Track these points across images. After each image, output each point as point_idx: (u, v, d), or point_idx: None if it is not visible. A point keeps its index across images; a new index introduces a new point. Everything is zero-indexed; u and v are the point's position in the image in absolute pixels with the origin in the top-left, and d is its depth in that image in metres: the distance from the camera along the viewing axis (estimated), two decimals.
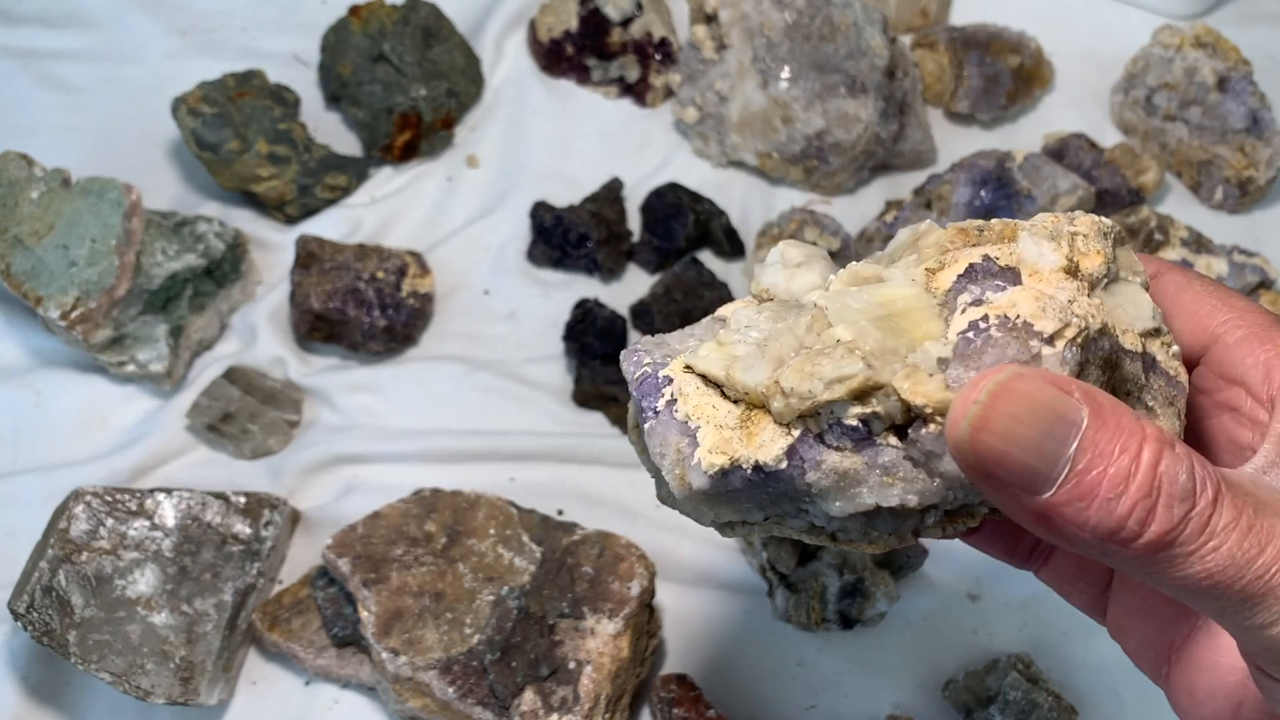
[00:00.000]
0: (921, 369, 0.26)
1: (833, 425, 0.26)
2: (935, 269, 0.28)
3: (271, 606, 0.50)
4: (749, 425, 0.28)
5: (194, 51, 0.71)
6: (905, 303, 0.27)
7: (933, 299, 0.27)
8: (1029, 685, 0.48)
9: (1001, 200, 0.59)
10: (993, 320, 0.26)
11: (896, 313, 0.27)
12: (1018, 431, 0.23)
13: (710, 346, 0.29)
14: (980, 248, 0.28)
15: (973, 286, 0.27)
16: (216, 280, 0.59)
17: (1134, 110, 0.67)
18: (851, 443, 0.26)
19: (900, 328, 0.27)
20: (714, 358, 0.28)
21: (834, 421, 0.26)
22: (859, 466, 0.27)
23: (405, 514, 0.49)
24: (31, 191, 0.55)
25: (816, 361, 0.26)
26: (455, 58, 0.68)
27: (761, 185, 0.65)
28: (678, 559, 0.53)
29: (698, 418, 0.28)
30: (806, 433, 0.27)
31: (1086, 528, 0.23)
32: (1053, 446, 0.23)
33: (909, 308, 0.27)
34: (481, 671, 0.45)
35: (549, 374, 0.59)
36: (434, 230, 0.64)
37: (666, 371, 0.29)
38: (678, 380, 0.29)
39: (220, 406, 0.55)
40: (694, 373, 0.29)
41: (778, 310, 0.29)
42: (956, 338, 0.26)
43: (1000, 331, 0.26)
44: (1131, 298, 0.28)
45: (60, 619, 0.46)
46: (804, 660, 0.51)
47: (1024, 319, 0.26)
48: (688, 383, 0.28)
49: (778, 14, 0.61)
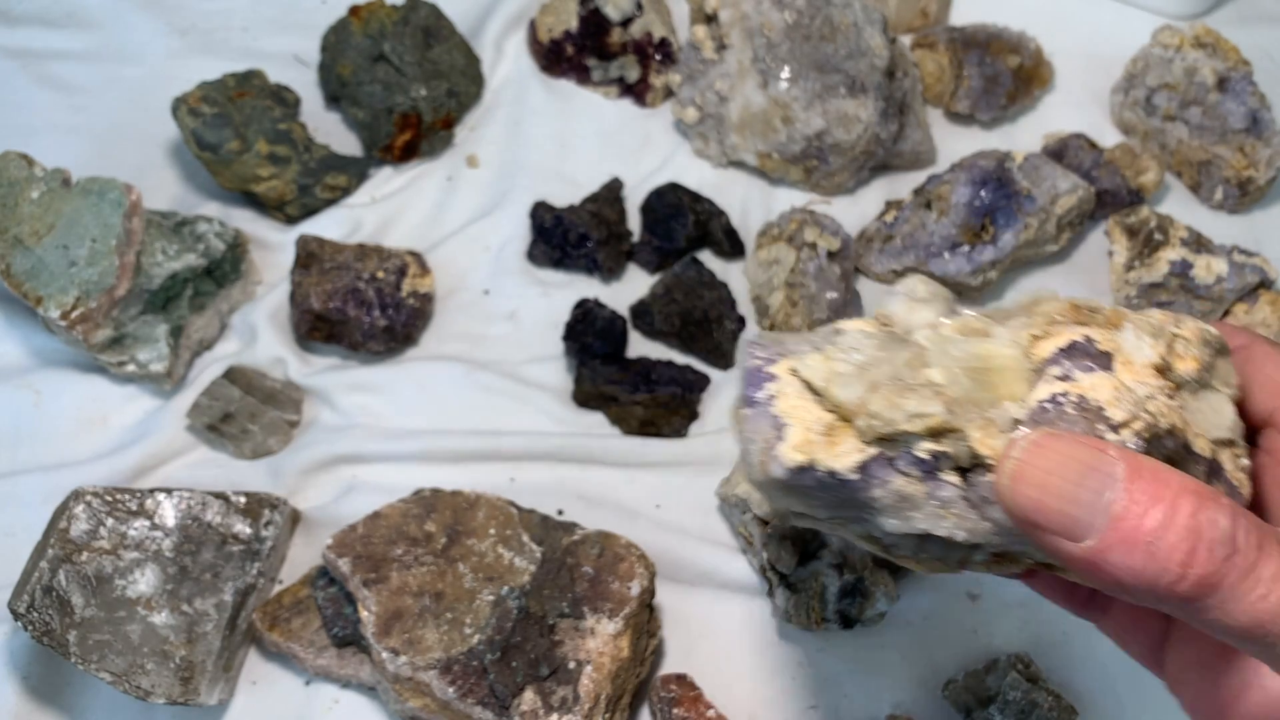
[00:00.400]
0: (995, 424, 0.29)
1: (905, 453, 0.29)
2: (1039, 337, 0.30)
3: (272, 606, 0.50)
4: (833, 435, 0.30)
5: (194, 51, 0.71)
6: (1001, 361, 0.30)
7: (1028, 364, 0.30)
8: (1029, 685, 0.48)
9: (1001, 200, 0.59)
10: (1071, 398, 0.29)
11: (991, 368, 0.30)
12: (1051, 482, 0.26)
13: (817, 358, 0.31)
14: (1086, 328, 0.31)
15: (1066, 362, 0.30)
16: (217, 280, 0.59)
17: (1134, 110, 0.67)
18: (919, 472, 0.29)
19: (990, 382, 0.30)
20: (818, 368, 0.31)
21: (907, 450, 0.29)
22: (920, 494, 0.30)
23: (405, 514, 0.49)
24: (32, 191, 0.55)
25: (904, 394, 0.29)
26: (455, 58, 0.68)
27: (761, 185, 0.66)
28: (678, 559, 0.53)
29: (790, 416, 0.31)
30: (882, 454, 0.30)
31: (1131, 573, 0.24)
32: (1088, 496, 0.25)
33: (1004, 366, 0.30)
34: (481, 671, 0.45)
35: (549, 374, 0.59)
36: (434, 230, 0.64)
37: (773, 369, 0.32)
38: (782, 380, 0.32)
39: (220, 406, 0.55)
40: (798, 377, 0.31)
41: (884, 340, 0.32)
42: (1035, 404, 0.29)
43: (1074, 410, 0.29)
44: (1216, 406, 0.31)
45: (60, 619, 0.46)
46: (804, 660, 0.51)
47: (1099, 404, 0.29)
48: (790, 384, 0.31)
49: (778, 14, 0.61)
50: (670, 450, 0.56)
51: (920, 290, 0.34)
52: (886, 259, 0.61)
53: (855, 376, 0.31)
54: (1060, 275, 0.63)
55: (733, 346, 0.59)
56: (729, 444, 0.56)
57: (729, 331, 0.59)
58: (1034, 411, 0.29)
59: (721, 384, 0.58)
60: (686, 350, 0.60)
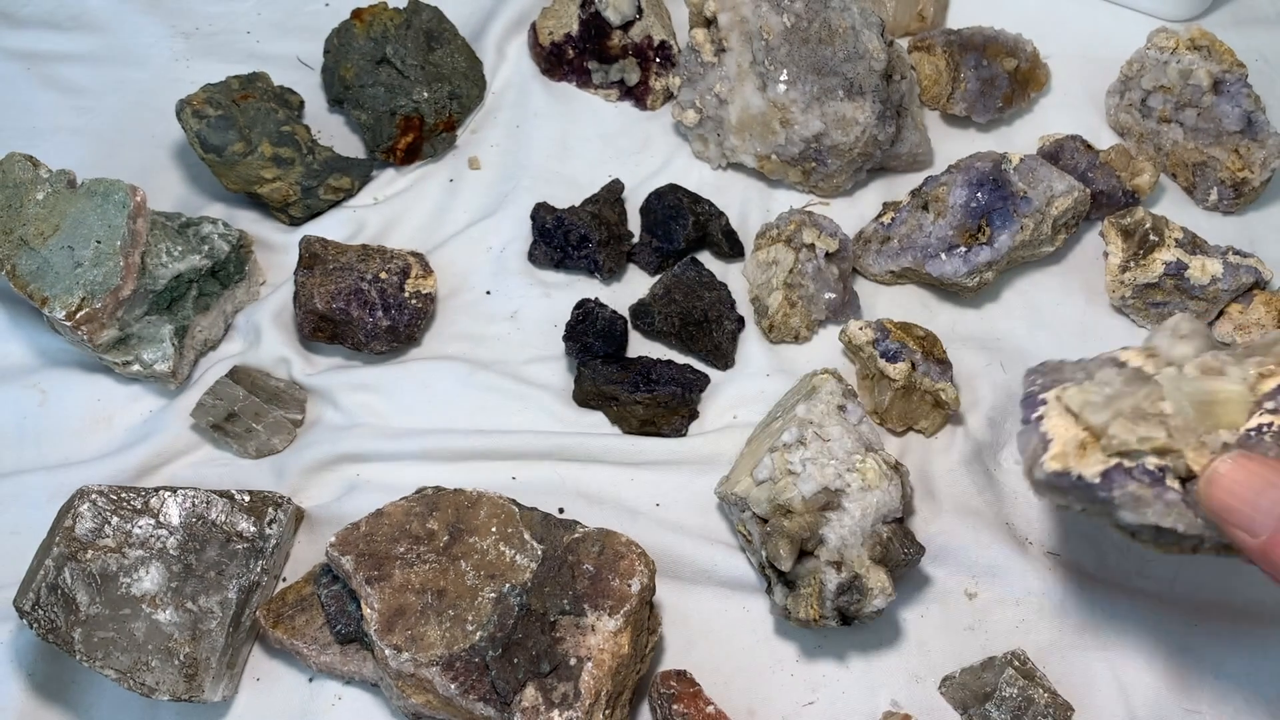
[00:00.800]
0: (1208, 446, 0.39)
1: (1139, 465, 0.39)
2: (1266, 374, 0.39)
3: (275, 604, 0.50)
4: (1084, 449, 0.41)
5: (198, 54, 0.71)
6: (1227, 395, 0.39)
7: (1251, 397, 0.39)
8: (1025, 682, 0.48)
9: (997, 202, 0.59)
10: (1274, 428, 0.38)
11: (1217, 401, 0.39)
12: (1238, 490, 0.36)
13: (1076, 390, 0.42)
14: None
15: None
16: (221, 281, 0.59)
17: (1129, 112, 0.68)
18: (1149, 480, 0.39)
19: (1213, 413, 0.39)
20: (1076, 398, 0.42)
21: (1140, 463, 0.39)
22: (1149, 496, 0.39)
23: (408, 512, 0.49)
24: (37, 193, 0.56)
25: (1138, 422, 0.40)
26: (457, 61, 0.68)
27: (760, 187, 0.66)
28: (677, 557, 0.53)
29: (1052, 433, 0.42)
30: (1120, 465, 0.39)
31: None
32: (1266, 504, 0.35)
33: (1228, 399, 0.39)
34: (483, 668, 0.45)
35: (550, 374, 0.59)
36: (436, 231, 0.64)
37: (1045, 395, 0.43)
38: (1050, 404, 0.43)
39: (225, 406, 0.55)
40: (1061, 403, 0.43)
41: (1131, 376, 0.42)
42: (1244, 432, 0.38)
43: (1272, 438, 0.38)
44: None
45: (65, 616, 0.46)
46: (802, 656, 0.51)
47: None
48: (1055, 408, 0.43)
49: (776, 18, 0.62)
50: (670, 449, 0.56)
51: (1184, 329, 0.43)
52: (884, 260, 0.61)
53: (1103, 405, 0.41)
54: (1056, 276, 0.63)
55: (732, 346, 0.60)
56: (728, 443, 0.56)
57: (728, 331, 0.59)
58: (1242, 437, 0.38)
59: (721, 383, 0.59)
60: (686, 350, 0.60)
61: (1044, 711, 0.48)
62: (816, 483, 0.48)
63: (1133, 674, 0.51)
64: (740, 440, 0.56)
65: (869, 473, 0.49)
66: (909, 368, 0.55)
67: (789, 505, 0.48)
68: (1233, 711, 0.50)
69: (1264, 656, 0.51)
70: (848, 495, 0.48)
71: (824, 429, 0.50)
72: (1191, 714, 0.50)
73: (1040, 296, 0.62)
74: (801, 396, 0.53)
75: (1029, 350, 0.60)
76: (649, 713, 0.50)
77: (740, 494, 0.50)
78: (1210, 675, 0.51)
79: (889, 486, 0.49)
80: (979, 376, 0.59)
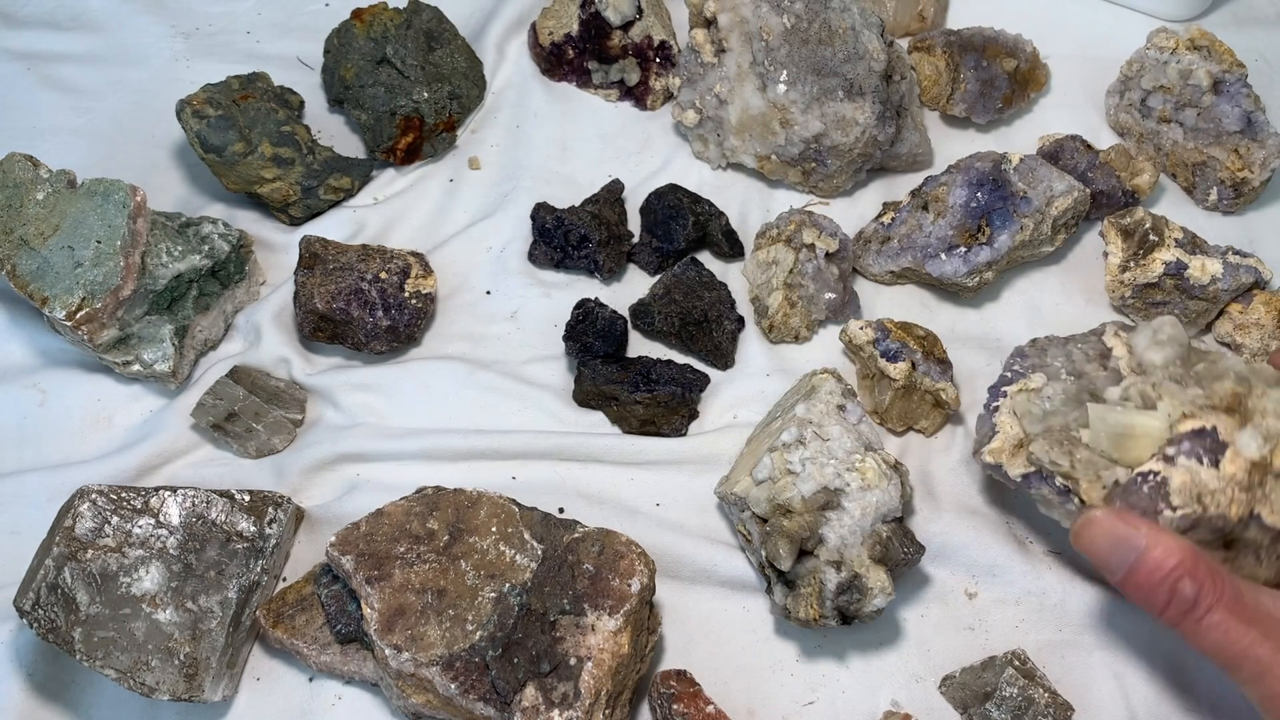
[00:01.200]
0: (1101, 481, 0.46)
1: (1050, 476, 0.48)
2: (1188, 415, 0.44)
3: (275, 603, 0.50)
4: (1017, 450, 0.49)
5: (198, 54, 0.71)
6: (1143, 431, 0.45)
7: (1166, 435, 0.44)
8: (1025, 682, 0.48)
9: (997, 202, 0.59)
10: (1155, 479, 0.44)
11: (1134, 435, 0.45)
12: (1099, 541, 0.43)
13: (1021, 397, 0.49)
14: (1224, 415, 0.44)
15: (1186, 444, 0.44)
16: (221, 281, 0.59)
17: (1129, 112, 0.68)
18: (1056, 491, 0.48)
19: (1127, 447, 0.45)
20: (1021, 405, 0.49)
21: (1050, 475, 0.48)
22: (1056, 501, 0.48)
23: (408, 512, 0.49)
24: (37, 193, 0.56)
25: (1054, 446, 0.47)
26: (457, 61, 0.68)
27: (760, 187, 0.66)
28: (677, 556, 0.53)
29: (999, 427, 0.50)
30: (1038, 472, 0.48)
31: (1139, 602, 0.42)
32: (1118, 558, 0.42)
33: (1144, 435, 0.45)
34: (483, 667, 0.45)
35: (550, 374, 0.59)
36: (436, 231, 0.64)
37: (1008, 388, 0.50)
38: (1007, 399, 0.50)
39: (225, 406, 0.55)
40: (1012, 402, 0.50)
41: (1071, 397, 0.48)
42: (1134, 475, 0.45)
43: (1149, 489, 0.44)
44: None
45: (65, 616, 0.46)
46: (802, 656, 0.51)
47: (1169, 490, 0.44)
48: (1008, 405, 0.50)
49: (776, 18, 0.62)
50: (670, 449, 0.56)
51: (1164, 334, 0.48)
52: (884, 260, 0.61)
53: (1039, 419, 0.48)
54: (1056, 276, 0.63)
55: (732, 346, 0.60)
56: (728, 443, 0.56)
57: (728, 331, 0.59)
58: (1130, 481, 0.44)
59: (721, 384, 0.59)
60: (686, 350, 0.60)
61: (1044, 711, 0.48)
62: (816, 482, 0.48)
63: (1133, 674, 0.51)
64: (740, 440, 0.56)
65: (868, 472, 0.49)
66: (909, 367, 0.55)
67: (788, 505, 0.48)
68: (1233, 712, 0.50)
69: None
70: (847, 495, 0.48)
71: (823, 429, 0.50)
72: (1191, 714, 0.50)
73: (1040, 296, 0.62)
74: (801, 396, 0.53)
75: None
76: (649, 713, 0.50)
77: (740, 494, 0.50)
78: (1210, 675, 0.51)
79: (888, 486, 0.49)
80: (979, 376, 0.59)
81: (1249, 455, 0.44)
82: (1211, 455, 0.44)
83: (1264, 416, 0.45)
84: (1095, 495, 0.45)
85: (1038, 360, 0.51)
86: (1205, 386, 0.46)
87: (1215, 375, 0.46)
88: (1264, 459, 0.44)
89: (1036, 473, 0.48)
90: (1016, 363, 0.52)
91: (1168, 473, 0.43)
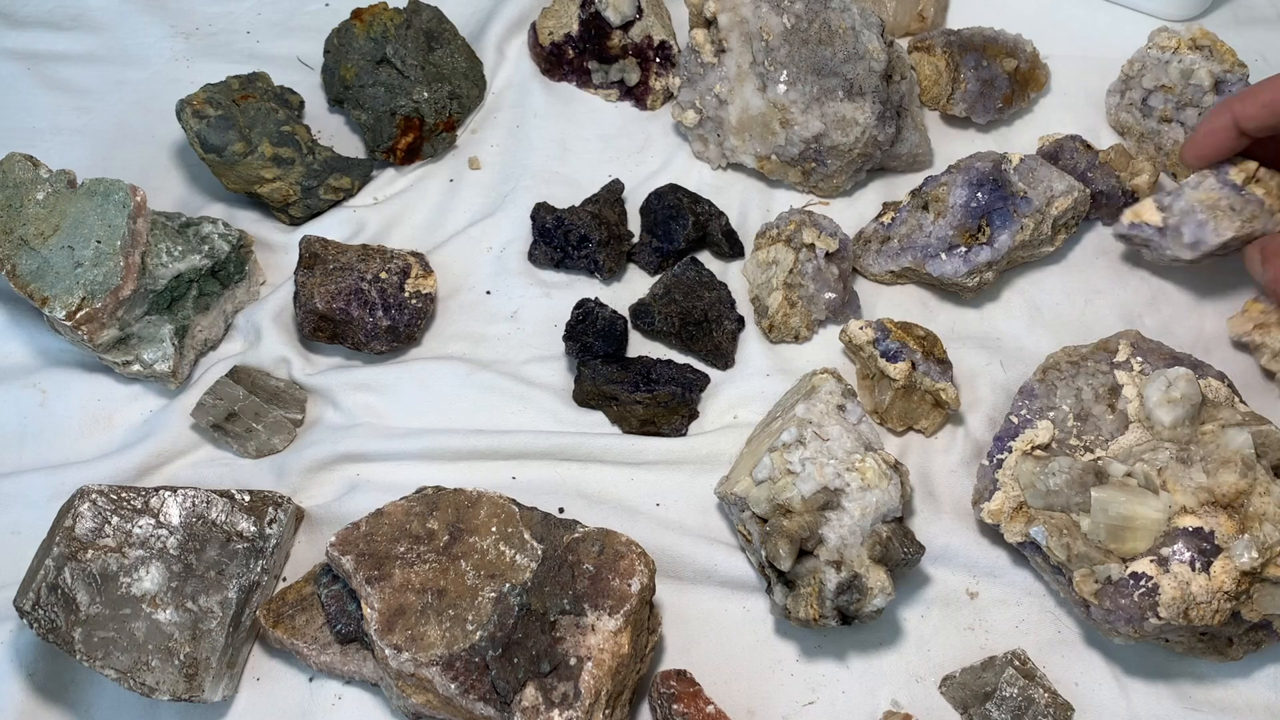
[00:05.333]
0: (1093, 576, 0.46)
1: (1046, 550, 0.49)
2: (1188, 509, 0.46)
3: (275, 603, 0.50)
4: (1015, 515, 0.50)
5: (198, 54, 0.71)
6: (1142, 522, 0.46)
7: (1164, 528, 0.46)
8: (1026, 682, 0.48)
9: (997, 202, 0.59)
10: (1146, 584, 0.45)
11: (1132, 526, 0.46)
12: None
13: (1026, 467, 0.50)
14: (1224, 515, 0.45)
15: (1181, 541, 0.45)
16: (221, 281, 0.59)
17: (1130, 112, 0.68)
18: (1049, 566, 0.49)
19: (1122, 536, 0.46)
20: (1026, 475, 0.50)
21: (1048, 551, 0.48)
22: (1050, 570, 0.50)
23: (408, 512, 0.49)
24: (37, 193, 0.56)
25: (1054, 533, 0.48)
26: (457, 61, 0.68)
27: (760, 187, 0.66)
28: (677, 556, 0.53)
29: (1001, 484, 0.51)
30: (1032, 542, 0.49)
31: None
32: None
33: (1142, 527, 0.46)
34: (483, 667, 0.45)
35: (550, 374, 0.59)
36: (436, 231, 0.64)
37: (1013, 442, 0.52)
38: (1010, 456, 0.51)
39: (225, 406, 0.55)
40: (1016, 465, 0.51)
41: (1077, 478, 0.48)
42: (1126, 575, 0.46)
43: (1140, 596, 0.45)
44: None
45: (65, 616, 0.46)
46: (802, 656, 0.51)
47: (1157, 597, 0.45)
48: (1011, 463, 0.51)
49: (776, 18, 0.62)
50: (670, 449, 0.56)
51: (1178, 391, 0.49)
52: (884, 260, 0.61)
53: (1041, 495, 0.49)
54: (1056, 276, 0.63)
55: (732, 346, 0.60)
56: (728, 443, 0.56)
57: (728, 331, 0.59)
58: (1120, 581, 0.46)
59: (721, 383, 0.59)
60: (686, 350, 0.60)
61: (1044, 711, 0.48)
62: (816, 482, 0.48)
63: (1133, 674, 0.51)
64: (740, 440, 0.56)
65: (868, 472, 0.49)
66: (909, 367, 0.55)
67: (788, 505, 0.48)
68: (1233, 712, 0.50)
69: (1264, 657, 0.51)
70: (847, 495, 0.48)
71: (823, 428, 0.50)
72: (1191, 714, 0.50)
73: (1040, 296, 0.62)
74: (801, 396, 0.53)
75: (1029, 350, 0.60)
76: (649, 712, 0.50)
77: (740, 494, 0.50)
78: (1210, 675, 0.51)
79: (888, 486, 0.49)
80: (979, 376, 0.59)
81: (1241, 566, 0.45)
82: (1204, 560, 0.45)
83: (1261, 523, 0.45)
84: (1088, 589, 0.46)
85: (1046, 401, 0.51)
86: (1210, 472, 0.46)
87: (1222, 459, 0.46)
88: (1256, 569, 0.45)
89: (1030, 542, 0.49)
90: (1024, 405, 0.51)
91: (1160, 579, 0.45)
